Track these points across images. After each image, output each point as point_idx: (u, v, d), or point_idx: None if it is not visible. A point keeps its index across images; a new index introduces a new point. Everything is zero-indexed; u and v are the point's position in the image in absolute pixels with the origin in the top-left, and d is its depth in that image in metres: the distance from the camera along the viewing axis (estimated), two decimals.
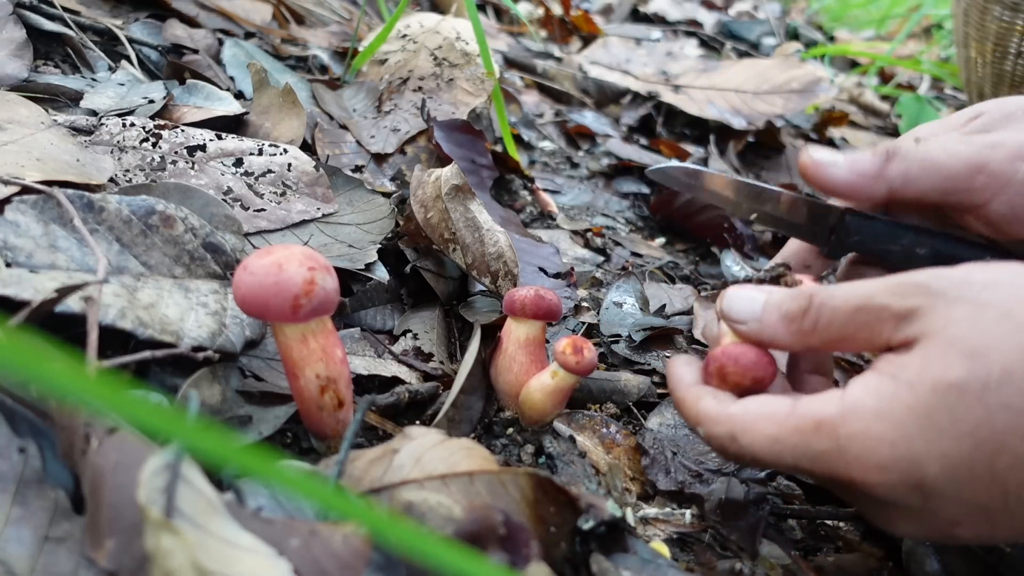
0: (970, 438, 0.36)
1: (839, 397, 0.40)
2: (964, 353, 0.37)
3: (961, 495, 0.37)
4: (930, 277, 0.39)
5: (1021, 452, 0.36)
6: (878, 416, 0.38)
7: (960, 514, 0.38)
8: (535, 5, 1.89)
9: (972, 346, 0.37)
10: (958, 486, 0.37)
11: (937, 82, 2.09)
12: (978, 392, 0.36)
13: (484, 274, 0.67)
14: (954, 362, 0.37)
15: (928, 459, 0.37)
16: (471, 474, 0.42)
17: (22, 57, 0.70)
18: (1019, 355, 0.36)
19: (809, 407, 0.40)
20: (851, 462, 0.39)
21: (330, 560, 0.35)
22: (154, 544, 0.30)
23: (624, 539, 0.46)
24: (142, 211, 0.52)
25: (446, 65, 0.96)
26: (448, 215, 0.66)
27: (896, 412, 0.38)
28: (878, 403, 0.38)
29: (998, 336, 0.37)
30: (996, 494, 0.37)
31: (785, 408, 0.41)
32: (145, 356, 0.44)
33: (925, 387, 0.37)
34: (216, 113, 0.72)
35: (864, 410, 0.38)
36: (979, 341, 0.37)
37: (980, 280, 0.39)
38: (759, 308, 0.46)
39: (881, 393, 0.38)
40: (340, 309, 0.62)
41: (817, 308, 0.43)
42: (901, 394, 0.38)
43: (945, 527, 0.39)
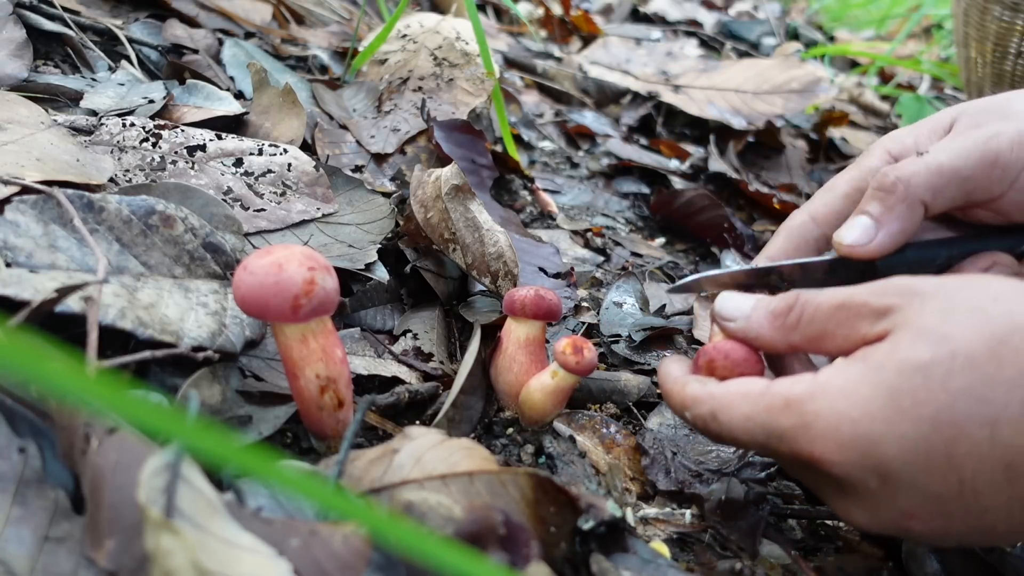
0: (930, 422, 0.37)
1: (811, 378, 0.41)
2: (931, 339, 0.38)
3: (917, 481, 0.38)
4: (910, 280, 0.41)
5: (979, 440, 0.36)
6: (843, 394, 0.39)
7: (915, 504, 0.38)
8: (535, 5, 1.89)
9: (940, 333, 0.38)
10: (914, 471, 0.37)
11: (937, 82, 2.09)
12: (941, 376, 0.37)
13: (484, 274, 0.67)
14: (921, 346, 0.38)
15: (887, 440, 0.37)
16: (471, 474, 0.42)
17: (22, 57, 0.70)
18: (984, 344, 0.37)
19: (781, 386, 0.41)
20: (814, 438, 0.39)
21: (330, 560, 0.35)
22: (154, 544, 0.30)
23: (624, 539, 0.46)
24: (142, 211, 0.52)
25: (446, 65, 0.96)
26: (448, 215, 0.66)
27: (861, 391, 0.38)
28: (844, 382, 0.39)
29: (966, 325, 0.37)
30: (951, 482, 0.37)
31: (760, 387, 0.42)
32: (145, 356, 0.44)
33: (891, 368, 0.38)
34: (216, 113, 0.72)
35: (831, 388, 0.39)
36: (947, 329, 0.38)
37: (956, 283, 0.40)
38: (748, 307, 0.48)
39: (849, 373, 0.39)
40: (340, 309, 0.62)
41: (801, 305, 0.44)
42: (868, 374, 0.38)
43: (900, 518, 0.40)
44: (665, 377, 0.50)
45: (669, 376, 0.49)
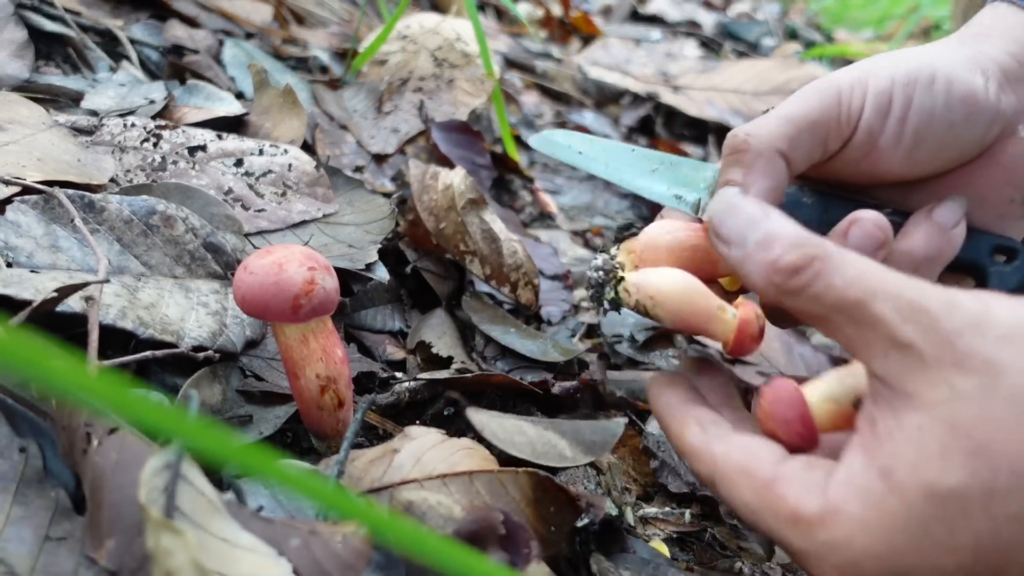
0: (971, 552, 0.31)
1: (822, 489, 0.34)
2: (967, 450, 0.30)
3: None
4: (941, 307, 0.32)
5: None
6: (864, 527, 0.32)
7: None
8: (535, 6, 1.89)
9: (977, 440, 0.30)
10: None
11: None
12: (982, 501, 0.30)
13: (503, 284, 0.68)
14: (955, 462, 0.31)
15: (921, 571, 0.32)
16: (471, 474, 0.42)
17: (23, 58, 0.71)
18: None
19: (789, 490, 0.34)
20: (829, 570, 0.33)
21: (330, 560, 0.35)
22: (154, 544, 0.30)
23: (624, 539, 0.46)
24: (143, 211, 0.52)
25: (446, 66, 0.96)
26: (464, 227, 0.66)
27: (884, 523, 0.32)
28: (864, 511, 0.32)
29: (1008, 427, 0.30)
30: None
31: (767, 473, 0.36)
32: (145, 356, 0.45)
33: (918, 493, 0.31)
34: (217, 113, 0.72)
35: (848, 518, 0.33)
36: (985, 433, 0.30)
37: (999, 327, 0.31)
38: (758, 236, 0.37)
39: (868, 499, 0.32)
40: (340, 309, 0.62)
41: (813, 275, 0.35)
42: (891, 502, 0.32)
43: None
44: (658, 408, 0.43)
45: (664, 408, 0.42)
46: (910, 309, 0.32)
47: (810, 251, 0.35)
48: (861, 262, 0.34)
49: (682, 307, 0.40)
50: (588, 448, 0.50)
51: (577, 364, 0.65)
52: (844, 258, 0.34)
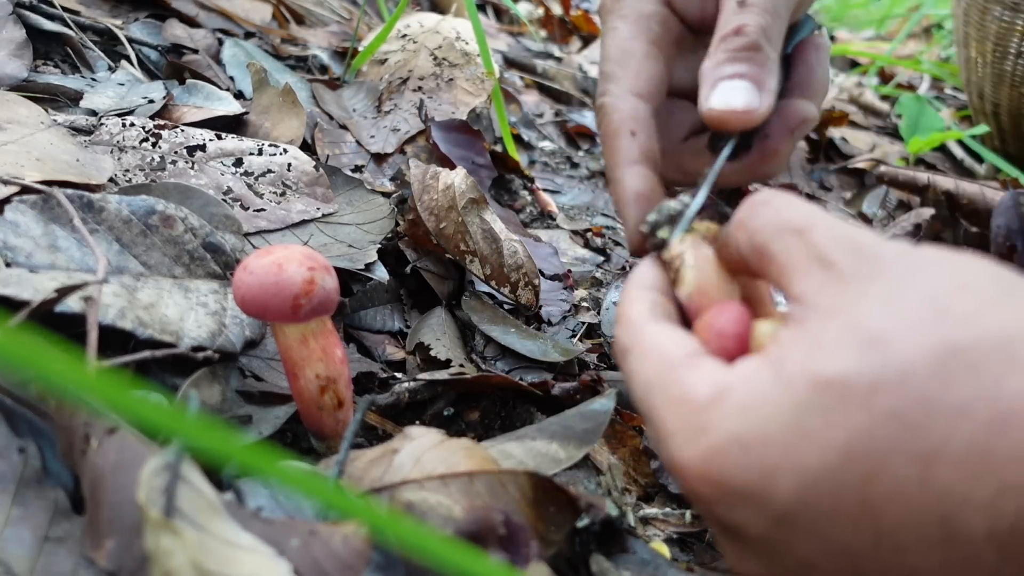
0: (841, 451, 0.28)
1: (719, 377, 0.32)
2: (862, 340, 0.28)
3: (819, 527, 0.28)
4: (873, 240, 0.32)
5: (906, 480, 0.27)
6: (740, 411, 0.30)
7: (816, 555, 0.29)
8: (535, 5, 1.89)
9: (874, 332, 0.28)
10: (816, 514, 0.28)
11: (937, 82, 2.09)
12: (864, 392, 0.28)
13: (503, 284, 0.68)
14: (845, 350, 0.28)
15: (782, 472, 0.28)
16: (471, 474, 0.42)
17: (22, 57, 0.70)
18: (930, 353, 0.27)
19: (688, 374, 0.33)
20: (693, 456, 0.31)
21: (330, 560, 0.35)
22: (154, 544, 0.30)
23: (624, 539, 0.46)
24: (142, 211, 0.52)
25: (446, 65, 0.96)
26: (465, 227, 0.66)
27: (762, 409, 0.29)
28: (747, 396, 0.30)
29: (909, 324, 0.28)
30: (865, 533, 0.28)
31: (678, 356, 0.34)
32: (145, 356, 0.44)
33: (802, 380, 0.29)
34: (216, 113, 0.72)
35: (729, 403, 0.30)
36: (883, 326, 0.28)
37: (922, 256, 0.31)
38: None
39: (754, 386, 0.30)
40: (340, 309, 0.62)
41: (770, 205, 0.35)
42: (774, 389, 0.30)
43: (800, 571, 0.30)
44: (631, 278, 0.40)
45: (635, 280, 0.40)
46: (843, 236, 0.32)
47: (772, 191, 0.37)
48: (810, 205, 0.35)
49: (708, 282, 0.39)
50: (581, 440, 0.50)
51: (577, 364, 0.65)
52: (796, 199, 0.36)
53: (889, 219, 1.23)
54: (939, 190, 1.16)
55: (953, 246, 1.08)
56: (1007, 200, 1.04)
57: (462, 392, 0.59)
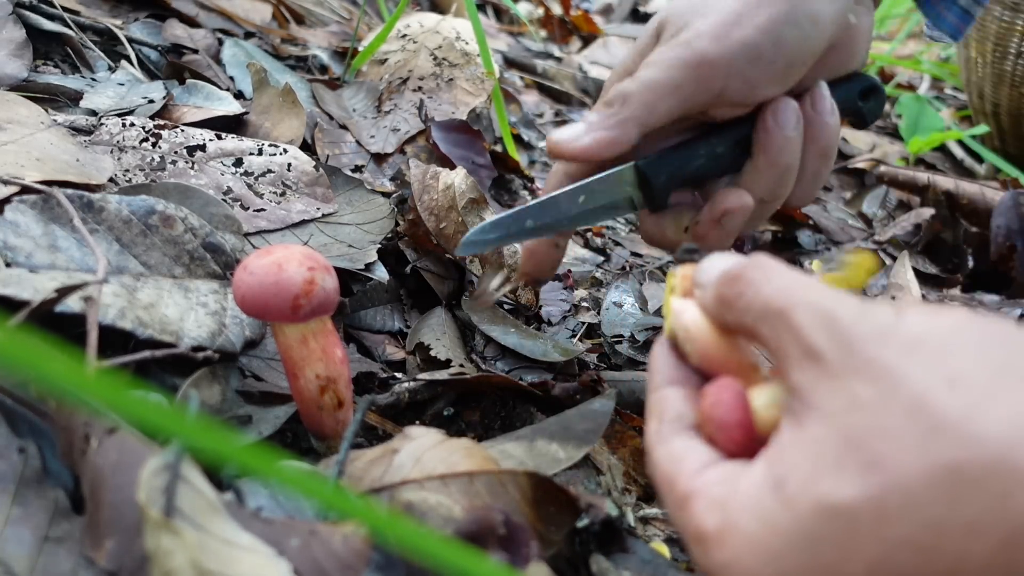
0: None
1: (725, 502, 0.32)
2: (861, 463, 0.28)
3: None
4: (853, 316, 0.31)
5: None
6: (752, 546, 0.30)
7: None
8: (535, 5, 1.89)
9: (871, 453, 0.28)
10: None
11: (937, 82, 2.09)
12: (873, 521, 0.27)
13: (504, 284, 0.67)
14: (847, 475, 0.28)
15: None
16: (471, 474, 0.42)
17: (22, 57, 0.70)
18: (926, 474, 0.27)
19: (697, 506, 0.33)
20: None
21: (330, 560, 0.35)
22: (154, 544, 0.30)
23: (624, 539, 0.46)
24: (142, 211, 0.52)
25: (446, 65, 0.96)
26: (465, 227, 0.66)
27: (773, 542, 0.29)
28: (755, 527, 0.30)
29: (903, 443, 0.27)
30: None
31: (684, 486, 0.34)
32: (145, 356, 0.44)
33: (808, 507, 0.29)
34: (216, 113, 0.72)
35: (740, 535, 0.30)
36: (879, 446, 0.28)
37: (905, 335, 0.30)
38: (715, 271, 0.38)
39: (760, 514, 0.30)
40: (340, 309, 0.62)
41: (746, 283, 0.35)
42: (781, 517, 0.29)
43: None
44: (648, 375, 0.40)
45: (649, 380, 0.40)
46: (823, 317, 0.31)
47: (750, 262, 0.36)
48: (789, 276, 0.34)
49: (710, 350, 0.38)
50: (581, 440, 0.50)
51: (577, 364, 0.65)
52: (772, 269, 0.35)
53: (889, 219, 1.23)
54: (939, 190, 1.16)
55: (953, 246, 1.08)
56: (1007, 200, 1.04)
57: (462, 392, 0.59)
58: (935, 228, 1.10)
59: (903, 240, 1.09)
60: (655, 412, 0.38)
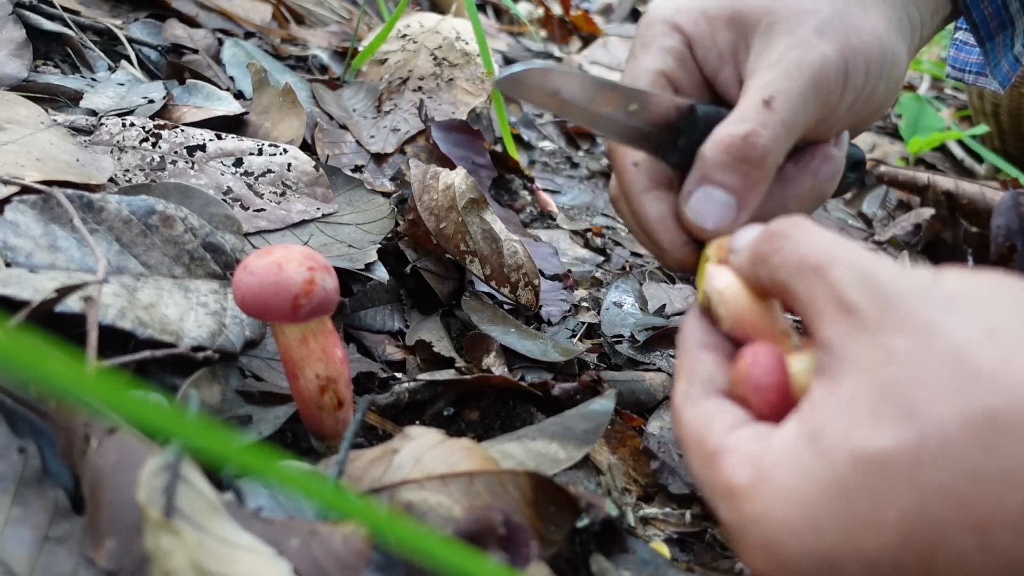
0: (897, 530, 0.28)
1: (758, 457, 0.32)
2: (897, 412, 0.28)
3: None
4: (891, 274, 0.31)
5: (966, 550, 0.27)
6: (786, 497, 0.30)
7: None
8: (535, 5, 1.89)
9: (907, 403, 0.28)
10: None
11: (937, 82, 2.09)
12: (908, 469, 0.27)
13: (503, 284, 0.67)
14: (883, 425, 0.28)
15: (843, 556, 0.29)
16: (471, 474, 0.42)
17: (22, 57, 0.70)
18: (966, 421, 0.27)
19: (728, 461, 0.33)
20: (753, 549, 0.31)
21: (330, 560, 0.35)
22: (154, 544, 0.30)
23: (624, 539, 0.46)
24: (142, 211, 0.52)
25: (446, 65, 0.96)
26: (465, 227, 0.66)
27: (807, 492, 0.29)
28: (789, 479, 0.30)
29: (941, 391, 0.27)
30: None
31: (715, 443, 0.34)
32: (145, 356, 0.44)
33: (844, 457, 0.29)
34: (216, 113, 0.72)
35: (773, 487, 0.30)
36: (916, 395, 0.28)
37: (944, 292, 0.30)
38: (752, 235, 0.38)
39: (795, 465, 0.30)
40: (340, 309, 0.62)
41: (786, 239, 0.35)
42: (816, 468, 0.29)
43: None
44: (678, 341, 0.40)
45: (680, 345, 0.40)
46: (861, 274, 0.31)
47: (788, 220, 0.36)
48: (827, 235, 0.34)
49: (743, 314, 0.38)
50: (581, 440, 0.50)
51: (577, 364, 0.65)
52: (812, 229, 0.35)
53: (889, 219, 1.23)
54: (939, 190, 1.16)
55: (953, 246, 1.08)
56: (1007, 200, 1.04)
57: (462, 392, 0.59)
58: (935, 228, 1.10)
59: (903, 240, 1.09)
60: (685, 373, 0.38)
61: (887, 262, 0.32)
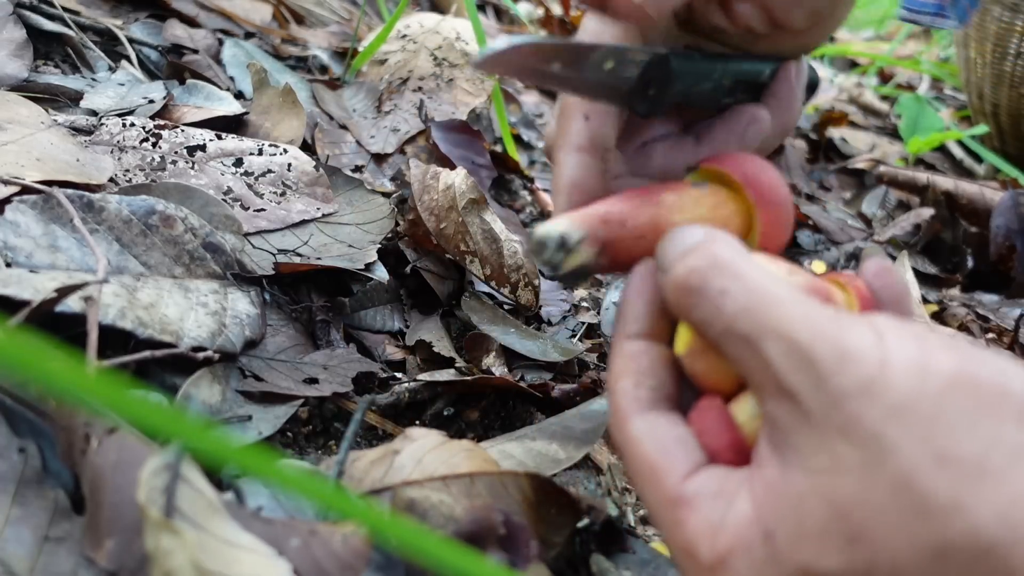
0: None
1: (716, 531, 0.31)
2: (845, 535, 0.27)
3: None
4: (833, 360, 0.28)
5: None
6: None
7: None
8: (535, 5, 1.89)
9: (856, 526, 0.27)
10: None
11: (937, 82, 2.09)
12: None
13: (504, 284, 0.67)
14: (832, 546, 0.28)
15: None
16: (472, 475, 0.42)
17: (22, 57, 0.70)
18: (912, 555, 0.26)
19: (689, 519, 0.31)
20: None
21: (330, 560, 0.35)
22: (154, 544, 0.30)
23: (624, 539, 0.46)
24: (142, 211, 0.52)
25: (446, 65, 0.96)
26: (465, 227, 0.66)
27: None
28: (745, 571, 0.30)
29: (889, 516, 0.27)
30: None
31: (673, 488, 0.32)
32: (145, 356, 0.44)
33: (793, 569, 0.28)
34: (216, 113, 0.72)
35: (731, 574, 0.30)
36: (864, 519, 0.27)
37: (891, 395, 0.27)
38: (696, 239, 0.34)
39: (751, 563, 0.29)
40: (340, 309, 0.62)
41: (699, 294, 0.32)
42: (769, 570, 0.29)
43: None
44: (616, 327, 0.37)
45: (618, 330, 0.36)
46: (799, 357, 0.29)
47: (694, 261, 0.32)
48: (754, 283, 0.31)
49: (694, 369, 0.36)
50: (581, 440, 0.50)
51: (577, 364, 0.65)
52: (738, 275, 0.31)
53: (889, 219, 1.23)
54: (939, 190, 1.16)
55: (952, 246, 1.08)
56: (1007, 200, 1.04)
57: (462, 392, 0.59)
58: (935, 228, 1.10)
59: (903, 240, 1.09)
60: (630, 370, 0.35)
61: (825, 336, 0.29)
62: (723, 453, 0.33)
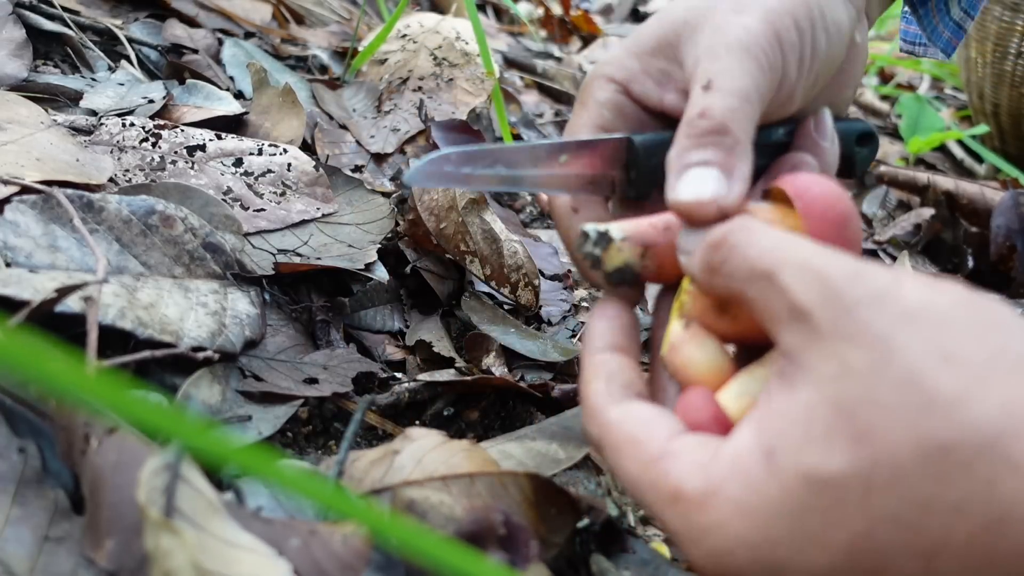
0: (845, 551, 0.28)
1: (707, 465, 0.31)
2: (850, 434, 0.28)
3: None
4: (846, 277, 0.30)
5: (909, 573, 0.28)
6: (740, 512, 0.30)
7: None
8: (535, 5, 1.89)
9: (861, 425, 0.28)
10: None
11: (937, 82, 2.09)
12: (859, 494, 0.28)
13: (504, 284, 0.67)
14: (836, 447, 0.28)
15: (792, 569, 0.29)
16: (472, 475, 0.42)
17: (22, 57, 0.70)
18: (916, 451, 0.27)
19: (674, 466, 0.32)
20: (703, 556, 0.31)
21: (330, 560, 0.35)
22: (154, 544, 0.30)
23: (624, 539, 0.46)
24: (142, 211, 0.52)
25: (446, 65, 0.96)
26: (466, 227, 0.66)
27: (761, 509, 0.29)
28: (742, 494, 0.30)
29: (895, 416, 0.27)
30: None
31: (656, 447, 0.33)
32: (145, 356, 0.44)
33: (797, 478, 0.29)
34: (216, 113, 0.72)
35: (726, 501, 0.30)
36: (870, 418, 0.28)
37: (902, 303, 0.29)
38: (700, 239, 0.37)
39: (748, 482, 0.30)
40: (340, 309, 0.62)
41: (729, 247, 0.34)
42: (770, 486, 0.29)
43: None
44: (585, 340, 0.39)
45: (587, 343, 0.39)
46: (812, 277, 0.30)
47: (732, 225, 0.35)
48: (773, 235, 0.33)
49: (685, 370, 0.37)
50: (581, 440, 0.50)
51: (577, 364, 0.65)
52: (758, 231, 0.33)
53: (889, 219, 1.23)
54: (939, 190, 1.16)
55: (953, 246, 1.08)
56: (1007, 200, 1.04)
57: (462, 392, 0.59)
58: (935, 228, 1.10)
59: (903, 240, 1.09)
60: (601, 373, 0.37)
61: (842, 260, 0.31)
62: (707, 427, 0.34)
